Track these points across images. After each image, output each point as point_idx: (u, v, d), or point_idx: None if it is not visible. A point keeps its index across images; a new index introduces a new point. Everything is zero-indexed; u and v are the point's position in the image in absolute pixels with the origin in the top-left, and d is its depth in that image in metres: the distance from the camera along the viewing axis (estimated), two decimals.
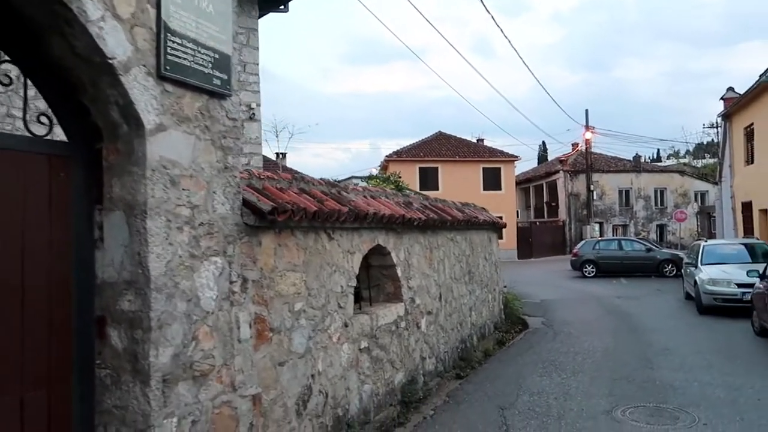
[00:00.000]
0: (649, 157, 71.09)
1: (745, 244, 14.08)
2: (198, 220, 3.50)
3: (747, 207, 19.19)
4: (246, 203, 3.93)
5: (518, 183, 49.07)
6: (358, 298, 6.24)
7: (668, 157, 78.42)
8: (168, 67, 3.27)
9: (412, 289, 6.94)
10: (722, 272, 12.18)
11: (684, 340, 9.41)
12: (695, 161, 65.96)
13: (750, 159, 18.91)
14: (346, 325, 5.34)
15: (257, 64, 10.11)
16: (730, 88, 22.17)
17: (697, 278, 12.67)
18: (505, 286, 18.49)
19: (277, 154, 36.29)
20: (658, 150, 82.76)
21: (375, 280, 6.68)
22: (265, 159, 25.47)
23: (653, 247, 22.90)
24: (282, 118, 48.52)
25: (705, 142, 60.31)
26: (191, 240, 3.44)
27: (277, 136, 26.57)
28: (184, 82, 3.41)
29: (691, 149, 65.13)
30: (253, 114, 10.13)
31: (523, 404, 6.11)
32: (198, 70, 3.50)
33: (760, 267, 11.00)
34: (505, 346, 9.84)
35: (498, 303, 11.60)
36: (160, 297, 3.20)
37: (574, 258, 23.67)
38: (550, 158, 57.14)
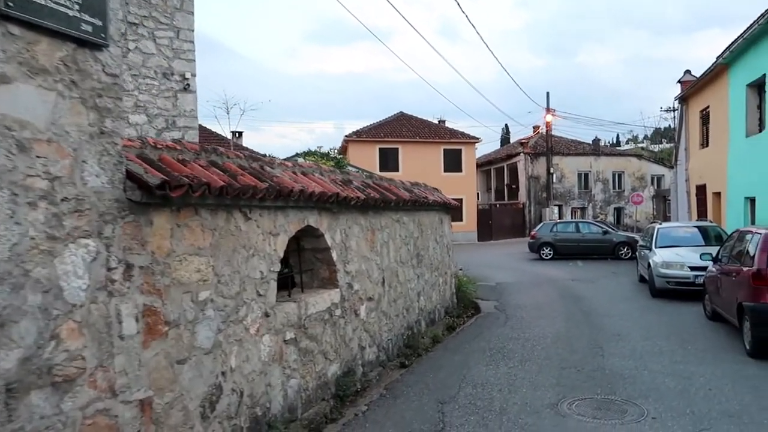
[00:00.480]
0: (609, 142, 72.14)
1: (699, 227, 14.04)
2: (60, 194, 2.89)
3: (701, 190, 19.28)
4: (131, 176, 3.33)
5: (480, 165, 48.99)
6: (288, 285, 5.71)
7: (627, 142, 79.71)
8: (11, 4, 2.62)
9: (350, 273, 6.43)
10: (675, 255, 12.05)
11: (636, 325, 9.19)
12: (653, 146, 67.15)
13: (705, 142, 18.95)
14: (267, 315, 4.79)
15: (192, 31, 9.35)
16: (688, 71, 22.20)
17: (650, 261, 12.53)
18: (460, 269, 18.19)
19: (233, 132, 35.15)
20: (618, 135, 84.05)
21: (308, 264, 6.15)
22: (217, 136, 24.44)
23: (609, 230, 22.95)
24: (233, 94, 46.67)
25: (663, 128, 61.55)
26: (50, 218, 2.83)
27: (227, 113, 25.30)
28: (36, 24, 2.76)
29: (648, 134, 66.34)
30: (188, 85, 9.39)
31: (464, 398, 5.70)
32: (58, 11, 2.86)
33: (714, 250, 10.90)
34: (455, 331, 9.47)
35: (450, 287, 11.22)
36: (1, 288, 2.59)
37: (532, 240, 23.56)
38: (512, 141, 57.25)
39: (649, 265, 12.63)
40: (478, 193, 42.77)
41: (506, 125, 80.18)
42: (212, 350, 4.10)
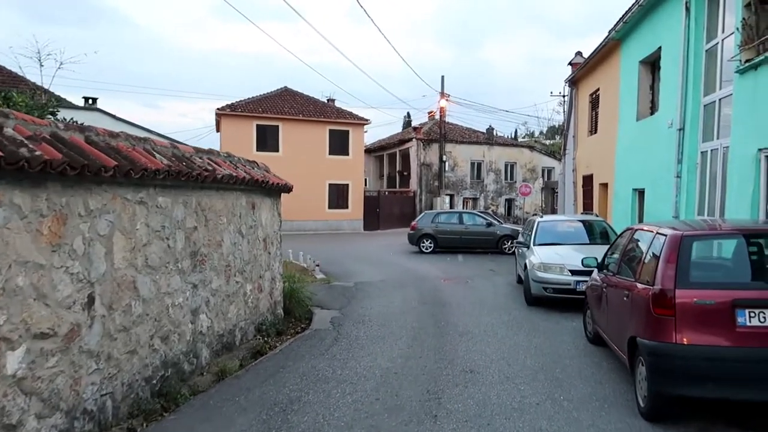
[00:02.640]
0: (508, 136, 72.62)
1: (583, 222, 12.14)
2: None
3: (588, 180, 17.79)
4: None
5: (372, 150, 46.72)
6: None
7: (524, 137, 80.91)
8: None
9: None
10: (555, 255, 9.97)
11: (498, 353, 6.86)
12: (546, 141, 67.88)
13: (594, 128, 17.42)
14: None
15: None
16: (579, 53, 20.71)
17: (527, 261, 10.42)
18: (317, 264, 15.54)
19: (86, 98, 30.17)
20: (516, 130, 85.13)
21: None
22: (28, 86, 19.98)
23: (493, 222, 21.13)
24: (46, 42, 38.54)
25: (556, 124, 62.10)
26: None
27: (41, 64, 20.46)
28: None
29: (544, 130, 66.76)
30: None
31: None
32: None
33: (600, 251, 8.94)
34: (257, 360, 6.72)
35: (270, 295, 8.43)
36: None
37: (411, 232, 21.31)
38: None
39: (525, 266, 10.52)
40: (366, 179, 40.39)
41: (408, 113, 78.67)
42: None
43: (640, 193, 12.87)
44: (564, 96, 24.03)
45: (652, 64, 12.76)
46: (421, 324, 8.54)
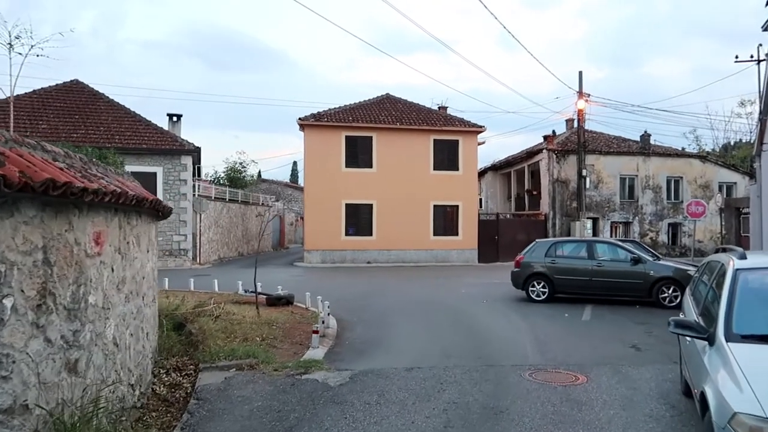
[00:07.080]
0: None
1: None
2: None
3: None
4: None
5: (499, 167, 40.05)
6: None
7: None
8: None
9: None
10: None
11: None
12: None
13: None
14: None
15: None
16: None
17: (710, 391, 3.75)
18: (314, 330, 9.71)
19: (170, 115, 27.56)
20: (682, 148, 72.84)
21: None
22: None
23: (644, 257, 13.76)
24: (19, 20, 35.90)
25: (732, 142, 49.72)
26: None
27: (11, 47, 16.62)
28: None
29: (719, 145, 54.20)
30: None
31: None
32: None
33: None
34: None
35: None
36: None
37: (516, 269, 14.68)
38: None
39: (703, 396, 3.84)
40: (484, 199, 33.84)
41: (553, 131, 70.70)
42: None
43: None
44: (759, 60, 16.03)
45: None
46: None
